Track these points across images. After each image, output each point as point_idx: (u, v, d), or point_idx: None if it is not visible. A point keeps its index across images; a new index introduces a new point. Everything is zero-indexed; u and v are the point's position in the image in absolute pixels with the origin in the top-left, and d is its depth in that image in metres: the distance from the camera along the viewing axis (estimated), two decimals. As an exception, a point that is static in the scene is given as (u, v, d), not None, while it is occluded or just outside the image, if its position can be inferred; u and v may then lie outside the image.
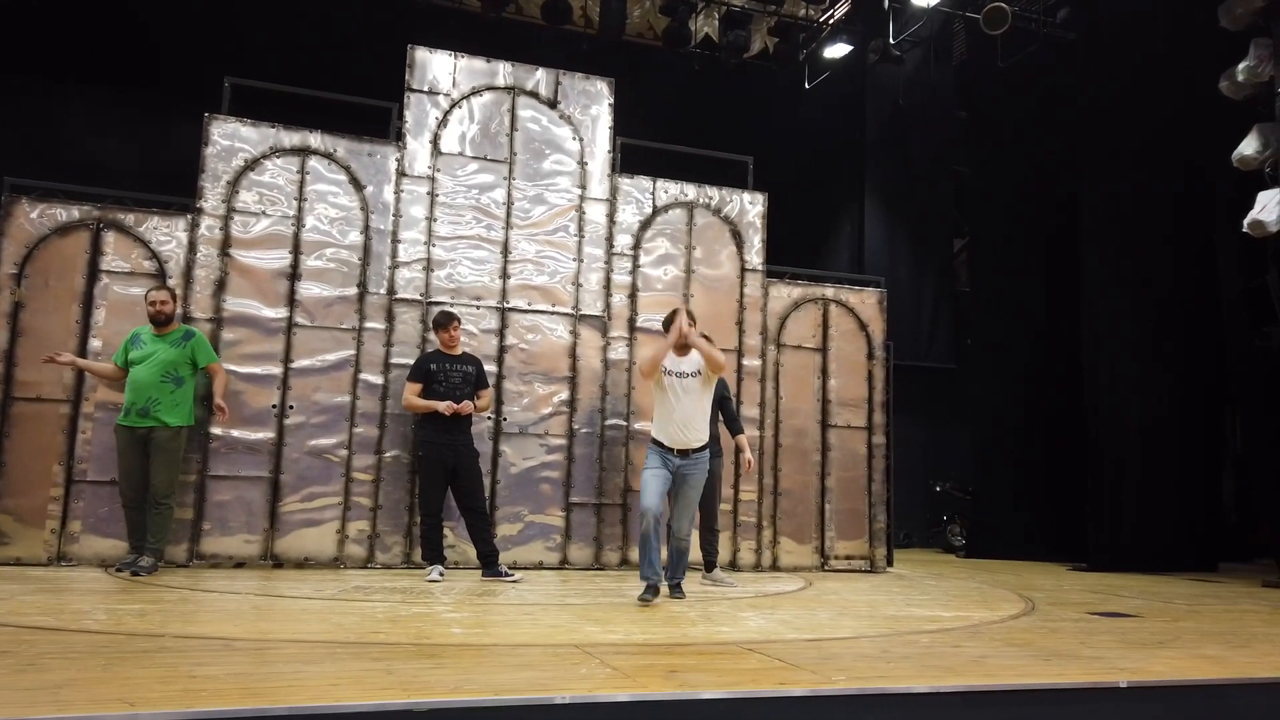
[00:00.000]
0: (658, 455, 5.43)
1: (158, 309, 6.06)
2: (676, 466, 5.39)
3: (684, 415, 5.39)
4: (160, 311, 6.06)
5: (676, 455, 5.38)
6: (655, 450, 5.46)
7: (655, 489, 5.36)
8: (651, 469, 5.42)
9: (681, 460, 5.39)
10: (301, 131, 7.17)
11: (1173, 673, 3.50)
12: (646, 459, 5.48)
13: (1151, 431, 9.39)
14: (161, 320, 6.06)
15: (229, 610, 4.63)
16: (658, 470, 5.41)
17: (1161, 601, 6.32)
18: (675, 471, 5.40)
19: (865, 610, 5.37)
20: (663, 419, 5.46)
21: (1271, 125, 8.07)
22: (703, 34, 11.82)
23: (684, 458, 5.40)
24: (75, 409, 6.46)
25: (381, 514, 6.95)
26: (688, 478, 5.44)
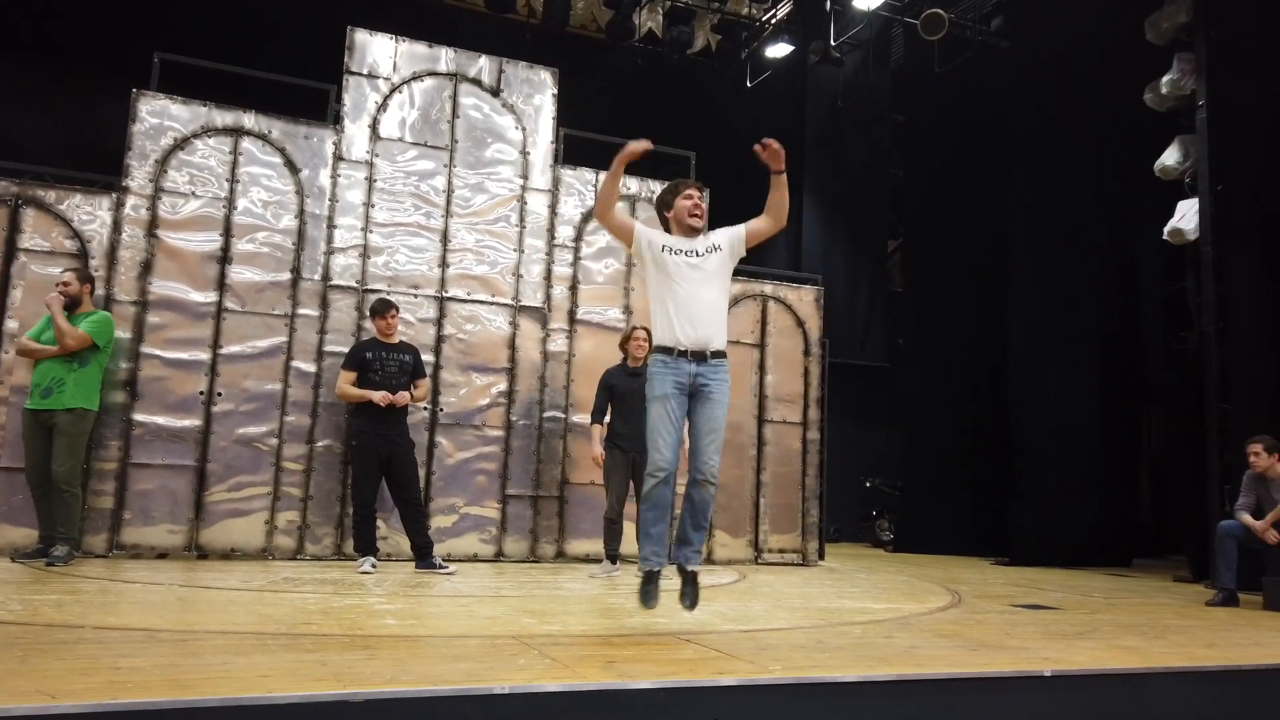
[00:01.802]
0: (667, 370, 3.92)
1: (61, 290, 5.82)
2: (694, 377, 3.92)
3: (701, 304, 3.95)
4: (64, 294, 5.81)
5: (692, 360, 3.92)
6: (662, 363, 3.95)
7: (671, 431, 3.89)
8: (659, 395, 3.91)
9: (699, 368, 3.92)
10: (235, 111, 6.97)
11: (1093, 662, 3.62)
12: (650, 383, 3.98)
13: (1072, 432, 9.71)
14: (66, 305, 5.80)
15: (152, 601, 4.49)
16: (670, 395, 3.89)
17: (1080, 595, 6.54)
18: (692, 385, 3.92)
19: (799, 602, 5.45)
20: (670, 311, 3.97)
21: (1192, 137, 8.38)
22: (646, 29, 11.82)
23: (701, 363, 3.93)
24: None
25: (312, 505, 6.81)
26: (710, 393, 3.94)
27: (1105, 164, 10.04)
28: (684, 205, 4.10)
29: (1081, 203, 9.94)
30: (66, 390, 5.73)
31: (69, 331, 5.73)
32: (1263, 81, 7.92)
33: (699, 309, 3.95)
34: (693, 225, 4.08)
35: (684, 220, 4.10)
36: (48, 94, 10.99)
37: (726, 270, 4.11)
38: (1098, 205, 10.00)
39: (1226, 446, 7.52)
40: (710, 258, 4.04)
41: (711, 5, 11.77)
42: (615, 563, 6.56)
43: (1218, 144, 7.98)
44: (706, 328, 3.96)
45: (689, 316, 3.94)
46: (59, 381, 5.73)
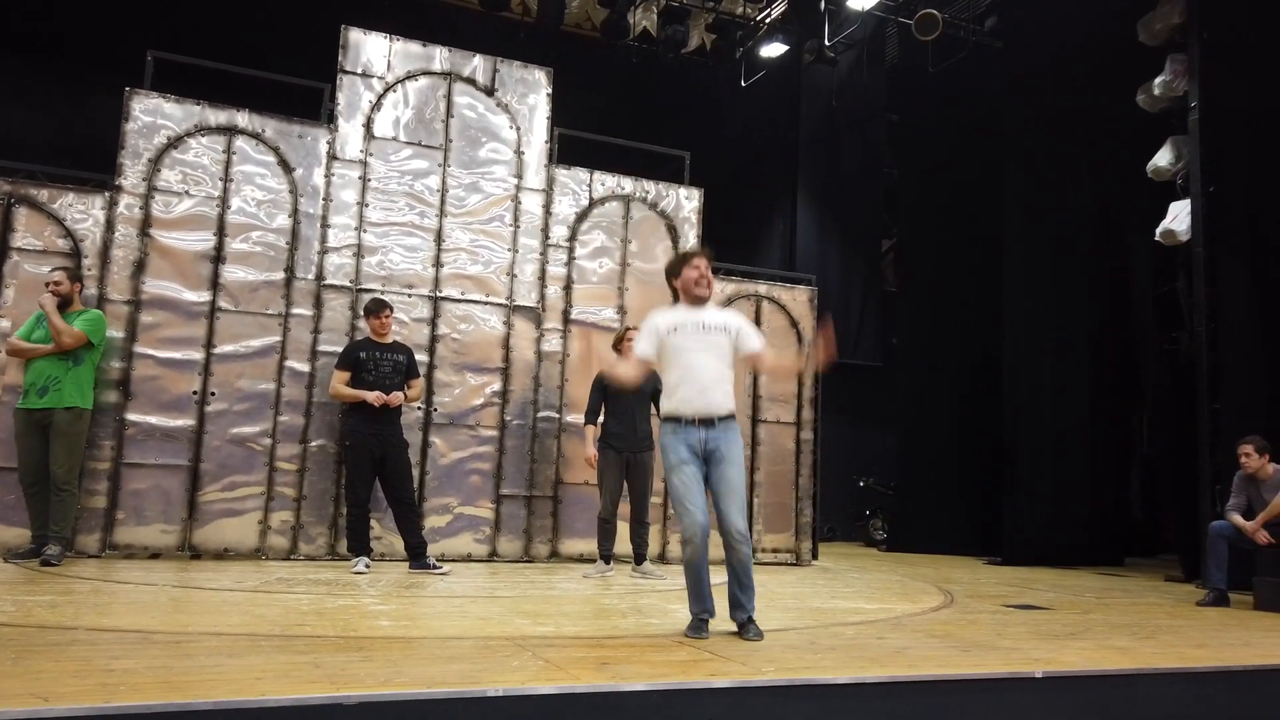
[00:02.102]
0: (679, 439, 4.06)
1: (52, 290, 5.80)
2: (704, 442, 4.05)
3: (705, 374, 4.08)
4: (55, 293, 5.79)
5: (700, 427, 4.05)
6: (672, 432, 4.09)
7: (696, 496, 3.99)
8: (676, 464, 4.03)
9: (708, 432, 4.05)
10: (228, 110, 6.96)
11: (1084, 663, 3.64)
12: (664, 452, 4.10)
13: (1065, 431, 9.75)
14: (59, 304, 5.79)
15: (145, 602, 4.49)
16: (688, 462, 4.03)
17: (1072, 595, 6.56)
18: (704, 451, 4.05)
19: (792, 603, 5.46)
20: (676, 382, 4.12)
21: (1184, 138, 8.41)
22: (641, 27, 11.81)
23: (710, 428, 4.05)
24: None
25: (306, 504, 6.80)
26: (723, 455, 4.05)
27: (1098, 164, 10.07)
28: (691, 276, 4.21)
29: (1074, 203, 9.97)
30: (64, 389, 5.72)
31: (66, 330, 5.72)
32: (1255, 83, 7.95)
33: (707, 378, 4.07)
34: (699, 295, 4.20)
35: (691, 290, 4.21)
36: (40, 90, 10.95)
37: (730, 351, 4.19)
38: (1090, 205, 10.04)
39: (1217, 447, 7.56)
40: (718, 334, 4.16)
41: (706, 4, 11.77)
42: (609, 562, 6.57)
43: (1210, 145, 8.01)
44: (713, 395, 4.07)
45: (697, 386, 4.06)
46: (55, 380, 5.72)
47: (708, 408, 4.06)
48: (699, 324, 4.14)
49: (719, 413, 4.08)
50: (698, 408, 4.06)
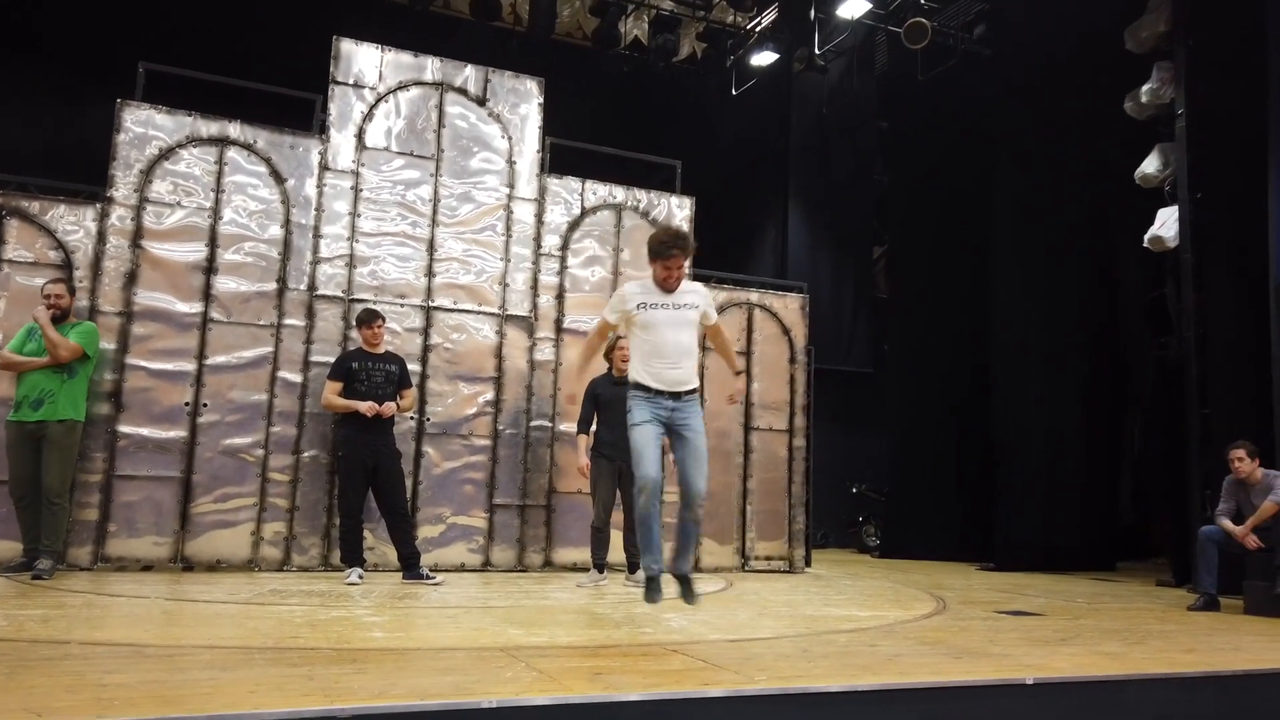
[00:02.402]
0: (645, 404, 4.43)
1: (53, 303, 5.79)
2: (670, 413, 4.42)
3: (674, 348, 4.44)
4: (56, 306, 5.78)
5: (669, 398, 4.42)
6: (640, 397, 4.46)
7: (653, 451, 4.36)
8: (640, 421, 4.40)
9: (674, 404, 4.43)
10: (220, 121, 6.97)
11: (1075, 669, 3.66)
12: (630, 410, 4.47)
13: (1056, 436, 9.79)
14: (58, 316, 5.79)
15: (138, 615, 4.48)
16: (649, 424, 4.39)
17: (1063, 600, 6.59)
18: (669, 421, 4.43)
19: (785, 610, 5.48)
20: (647, 355, 4.46)
21: (1171, 145, 8.48)
22: (632, 36, 11.85)
23: (676, 401, 4.43)
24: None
25: (299, 515, 6.79)
26: (687, 428, 4.45)
27: (1087, 171, 10.14)
28: (660, 275, 4.52)
29: (1064, 209, 10.04)
30: (58, 401, 5.70)
31: (61, 343, 5.71)
32: (1241, 89, 8.02)
33: (675, 352, 4.45)
34: (668, 288, 4.53)
35: (661, 281, 4.53)
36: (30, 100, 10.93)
37: (698, 322, 4.59)
38: (1080, 212, 10.10)
39: (1207, 451, 7.61)
40: (686, 311, 4.52)
41: (697, 14, 11.82)
42: (603, 571, 6.58)
43: (1197, 152, 8.08)
44: (682, 370, 4.47)
45: (666, 360, 4.44)
46: (49, 393, 5.69)
47: (677, 382, 4.44)
48: (669, 302, 4.48)
49: (686, 387, 4.47)
50: (668, 381, 4.43)
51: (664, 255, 4.48)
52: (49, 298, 5.80)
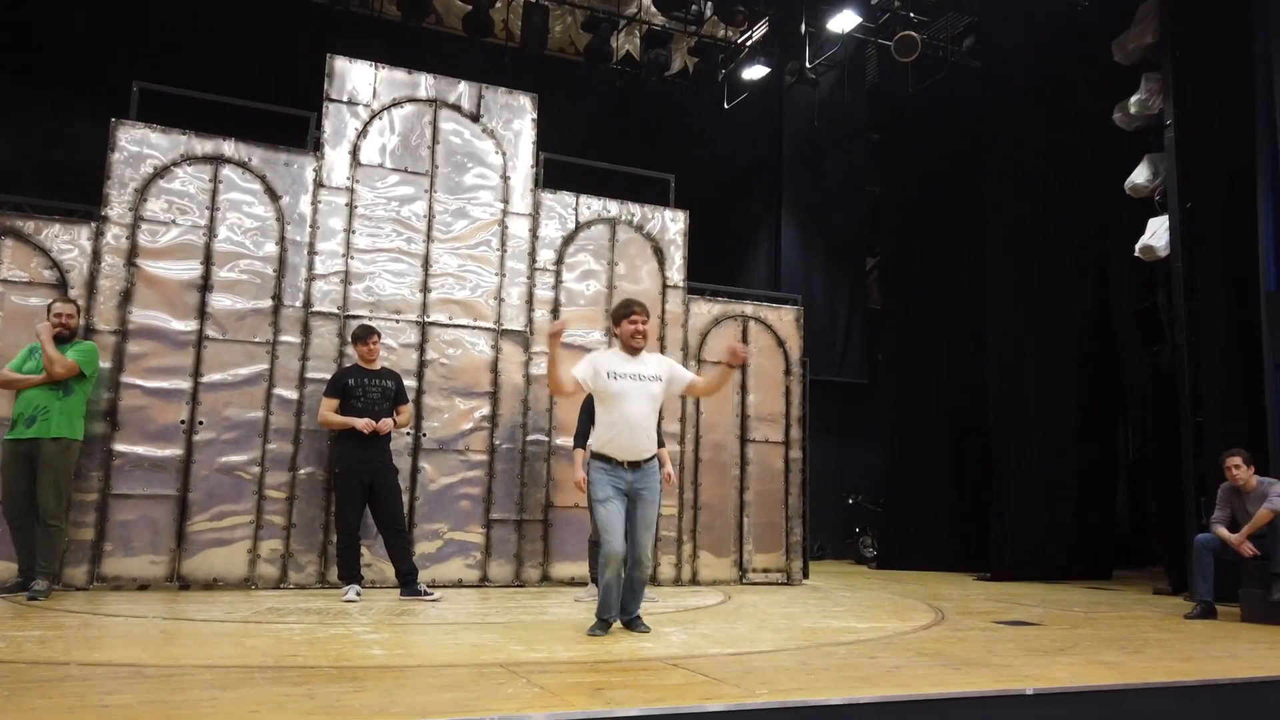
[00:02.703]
0: (607, 476, 4.68)
1: (64, 322, 5.79)
2: (630, 482, 4.68)
3: (637, 421, 4.65)
4: (66, 326, 5.80)
5: (628, 469, 4.68)
6: (602, 469, 4.69)
7: (619, 524, 4.62)
8: (605, 498, 4.65)
9: (634, 474, 4.69)
10: (215, 139, 6.99)
11: (1074, 679, 3.67)
12: (593, 485, 4.71)
13: (1051, 445, 9.82)
14: (65, 336, 5.79)
15: (136, 635, 4.46)
16: (614, 498, 4.65)
17: (1061, 609, 6.60)
18: (630, 489, 4.68)
19: (783, 623, 5.48)
20: (611, 427, 4.68)
21: (1161, 155, 8.54)
22: (624, 51, 11.92)
23: (635, 470, 4.70)
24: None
25: (295, 533, 6.78)
26: (643, 493, 4.72)
27: (1077, 181, 10.20)
28: (629, 329, 4.77)
29: (1055, 219, 10.10)
30: (52, 419, 5.68)
31: (58, 360, 5.70)
32: (1228, 100, 8.09)
33: (638, 424, 4.66)
34: (634, 347, 4.76)
35: (628, 341, 4.77)
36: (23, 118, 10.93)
37: (662, 395, 4.81)
38: (1071, 222, 10.16)
39: (1201, 459, 7.64)
40: (651, 384, 4.72)
41: (688, 28, 11.89)
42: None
43: (1186, 162, 8.14)
44: (643, 440, 4.69)
45: (629, 431, 4.64)
46: (44, 410, 5.68)
47: (637, 453, 4.68)
48: (637, 373, 4.70)
49: (645, 456, 4.71)
50: (629, 453, 4.67)
51: (627, 314, 4.80)
52: (59, 317, 5.80)
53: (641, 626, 4.77)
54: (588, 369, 4.73)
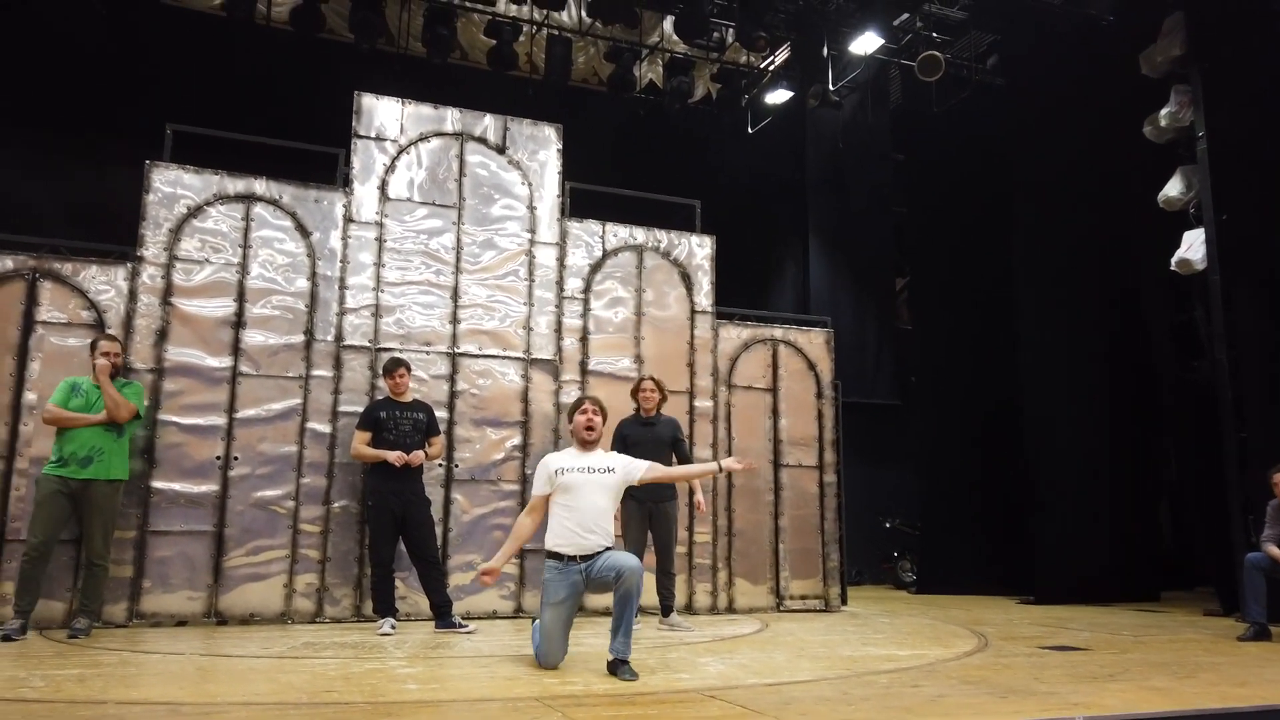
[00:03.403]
0: (561, 578, 4.54)
1: (112, 360, 5.83)
2: (585, 573, 4.53)
3: (592, 515, 4.59)
4: (114, 364, 5.83)
5: (580, 562, 4.55)
6: (554, 568, 4.58)
7: (558, 635, 4.51)
8: (553, 603, 4.50)
9: (587, 564, 4.54)
10: (246, 178, 7.09)
11: (1124, 706, 3.57)
12: (546, 587, 4.59)
13: (1089, 465, 9.64)
14: (111, 374, 5.82)
15: (172, 672, 4.47)
16: (563, 603, 4.51)
17: (1109, 633, 6.45)
18: (586, 579, 4.54)
19: (822, 651, 5.39)
20: (564, 518, 4.60)
21: (1194, 168, 8.43)
22: (647, 80, 11.99)
23: (588, 560, 4.55)
24: (9, 465, 6.23)
25: (330, 566, 6.79)
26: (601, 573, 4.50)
27: (1108, 196, 10.08)
28: (580, 420, 4.88)
29: (1085, 235, 9.97)
30: (108, 460, 5.74)
31: (123, 403, 5.79)
32: (1260, 109, 7.98)
33: (593, 516, 4.61)
34: (586, 439, 4.86)
35: (580, 434, 4.87)
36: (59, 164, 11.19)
37: (618, 488, 4.78)
38: (1102, 237, 10.03)
39: (1245, 475, 7.46)
40: (605, 476, 4.73)
41: (710, 55, 11.95)
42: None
43: (1219, 174, 8.03)
44: (597, 535, 4.60)
45: (582, 524, 4.58)
46: (99, 451, 5.71)
47: (591, 546, 4.57)
48: (587, 465, 4.73)
49: (597, 549, 4.58)
50: (580, 547, 4.56)
51: (579, 406, 4.93)
52: (108, 355, 5.82)
53: (627, 674, 4.23)
54: (541, 475, 4.78)
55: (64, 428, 5.72)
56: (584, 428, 4.85)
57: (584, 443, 4.86)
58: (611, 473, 4.76)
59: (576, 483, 4.66)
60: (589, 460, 4.79)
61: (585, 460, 4.78)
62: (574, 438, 4.93)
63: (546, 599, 4.58)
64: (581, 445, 4.87)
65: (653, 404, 6.77)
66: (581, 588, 4.58)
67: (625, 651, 4.30)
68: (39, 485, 5.75)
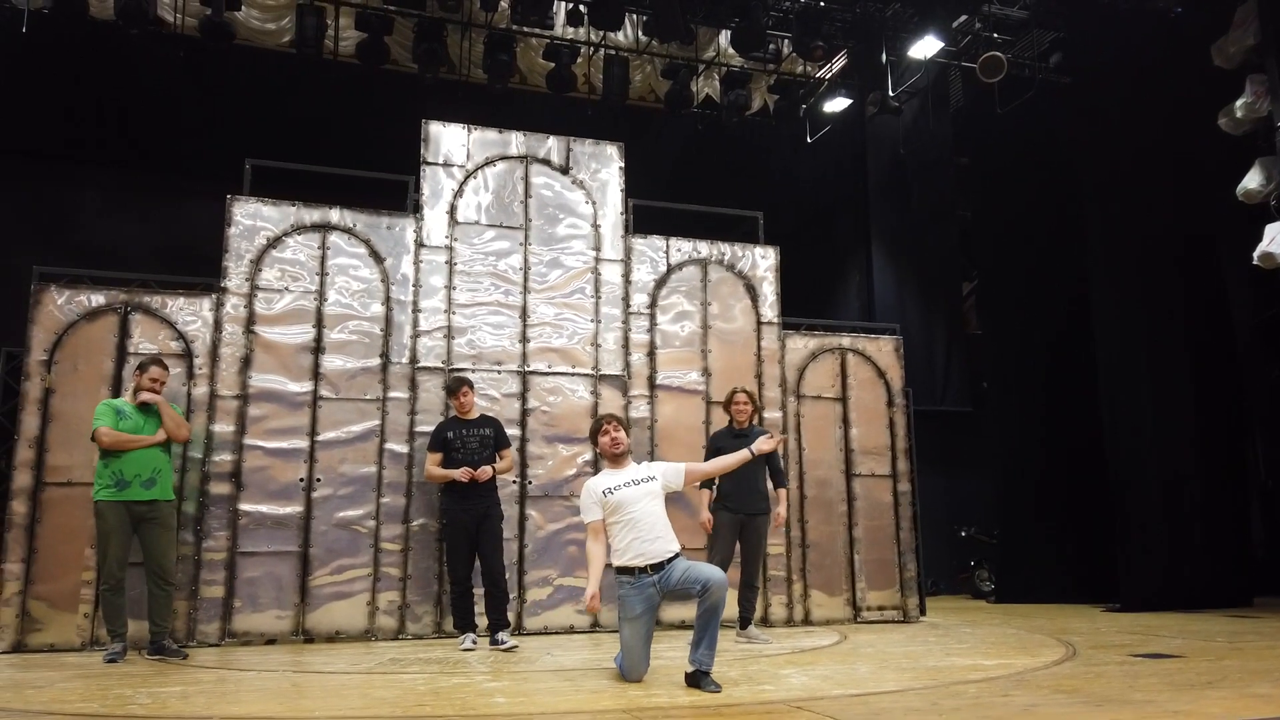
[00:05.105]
0: (635, 592, 4.53)
1: (162, 385, 5.96)
2: (659, 584, 4.52)
3: (650, 523, 4.61)
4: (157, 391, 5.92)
5: (653, 573, 4.53)
6: (627, 583, 4.56)
7: (639, 649, 4.51)
8: (632, 618, 4.51)
9: (659, 575, 4.53)
10: (321, 208, 7.32)
11: (1227, 714, 3.47)
12: (621, 603, 4.57)
13: (1173, 467, 9.33)
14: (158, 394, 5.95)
15: (269, 689, 4.61)
16: (640, 617, 4.51)
17: (1202, 640, 6.24)
18: (662, 590, 4.53)
19: (905, 662, 5.32)
20: (623, 537, 4.61)
21: (1273, 159, 8.18)
22: (704, 95, 12.04)
23: (659, 571, 4.54)
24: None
25: (411, 584, 6.93)
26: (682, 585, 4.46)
27: (1183, 191, 9.79)
28: (605, 442, 4.91)
29: (1161, 232, 9.70)
30: (166, 480, 5.88)
31: (184, 423, 6.06)
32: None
33: (649, 523, 4.62)
34: (615, 454, 4.88)
35: (608, 452, 4.91)
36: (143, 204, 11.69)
37: (664, 493, 4.79)
38: (1179, 233, 9.74)
39: (1344, 475, 7.17)
40: (650, 484, 4.75)
41: (767, 67, 11.95)
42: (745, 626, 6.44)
43: (1302, 163, 7.77)
44: (659, 541, 4.60)
45: (641, 534, 4.59)
46: (159, 471, 5.84)
47: (657, 554, 4.56)
48: (629, 480, 4.75)
49: (667, 555, 4.57)
50: (649, 555, 4.55)
51: (599, 428, 4.95)
52: (155, 381, 5.93)
53: (710, 686, 4.19)
54: (589, 502, 4.77)
55: (117, 450, 5.73)
56: (610, 445, 4.88)
57: (615, 458, 4.88)
58: (654, 480, 4.79)
59: (627, 498, 4.67)
60: (629, 474, 4.81)
61: (625, 475, 4.80)
62: (603, 458, 4.99)
63: (623, 615, 4.58)
64: (613, 461, 4.90)
65: (746, 416, 6.67)
66: (657, 599, 4.57)
67: (708, 663, 4.28)
68: (102, 514, 5.68)
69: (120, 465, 5.73)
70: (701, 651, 4.29)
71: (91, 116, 11.07)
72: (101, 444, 5.75)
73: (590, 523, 4.77)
